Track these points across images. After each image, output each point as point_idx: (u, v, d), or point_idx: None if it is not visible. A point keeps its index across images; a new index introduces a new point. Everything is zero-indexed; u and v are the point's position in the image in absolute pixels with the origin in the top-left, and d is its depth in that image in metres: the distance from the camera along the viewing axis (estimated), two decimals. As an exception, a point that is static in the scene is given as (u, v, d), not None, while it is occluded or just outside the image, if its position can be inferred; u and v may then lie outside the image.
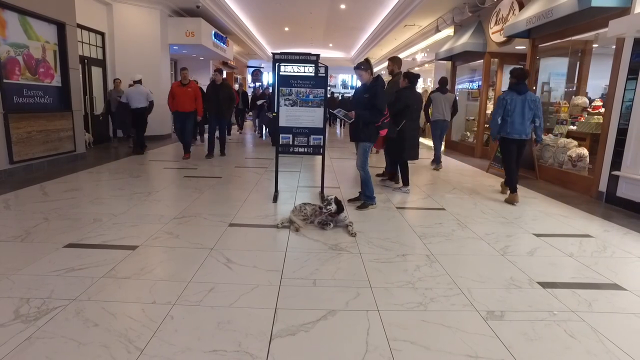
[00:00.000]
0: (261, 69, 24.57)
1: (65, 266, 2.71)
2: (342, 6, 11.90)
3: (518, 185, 5.02)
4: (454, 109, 7.29)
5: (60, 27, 6.51)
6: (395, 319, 2.19)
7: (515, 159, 4.97)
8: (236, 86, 15.16)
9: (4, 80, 5.48)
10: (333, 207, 3.69)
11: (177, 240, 3.30)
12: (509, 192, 5.00)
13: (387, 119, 4.49)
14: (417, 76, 5.34)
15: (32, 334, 1.93)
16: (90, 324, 2.04)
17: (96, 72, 9.36)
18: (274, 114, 4.92)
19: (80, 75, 7.75)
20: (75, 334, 1.95)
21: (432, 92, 7.50)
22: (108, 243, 3.18)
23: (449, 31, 10.42)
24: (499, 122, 4.87)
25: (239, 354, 1.85)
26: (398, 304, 2.36)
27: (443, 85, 7.33)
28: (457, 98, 7.60)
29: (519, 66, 5.74)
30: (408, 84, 5.20)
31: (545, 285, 2.67)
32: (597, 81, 7.44)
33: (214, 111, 7.62)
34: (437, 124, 7.40)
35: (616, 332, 2.12)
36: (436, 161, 7.33)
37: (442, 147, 7.97)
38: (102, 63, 9.61)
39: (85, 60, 8.78)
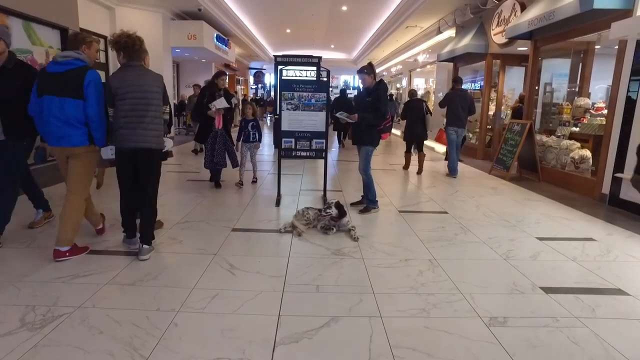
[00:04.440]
0: (263, 71, 24.61)
1: (70, 273, 2.73)
2: (344, 8, 11.91)
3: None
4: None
5: (64, 32, 6.55)
6: (398, 325, 2.19)
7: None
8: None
9: (8, 86, 5.52)
10: (333, 210, 3.70)
11: (180, 246, 3.31)
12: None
13: (389, 123, 4.50)
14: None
15: (38, 342, 1.94)
16: (96, 332, 2.06)
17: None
18: (276, 117, 4.93)
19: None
20: (81, 342, 1.96)
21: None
22: (111, 249, 3.20)
23: (451, 32, 10.41)
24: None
25: (243, 361, 1.86)
26: (401, 310, 2.36)
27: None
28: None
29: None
30: None
31: (548, 290, 2.67)
32: (599, 82, 7.42)
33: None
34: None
35: (620, 339, 2.12)
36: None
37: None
38: (105, 67, 9.64)
39: (88, 64, 8.80)
